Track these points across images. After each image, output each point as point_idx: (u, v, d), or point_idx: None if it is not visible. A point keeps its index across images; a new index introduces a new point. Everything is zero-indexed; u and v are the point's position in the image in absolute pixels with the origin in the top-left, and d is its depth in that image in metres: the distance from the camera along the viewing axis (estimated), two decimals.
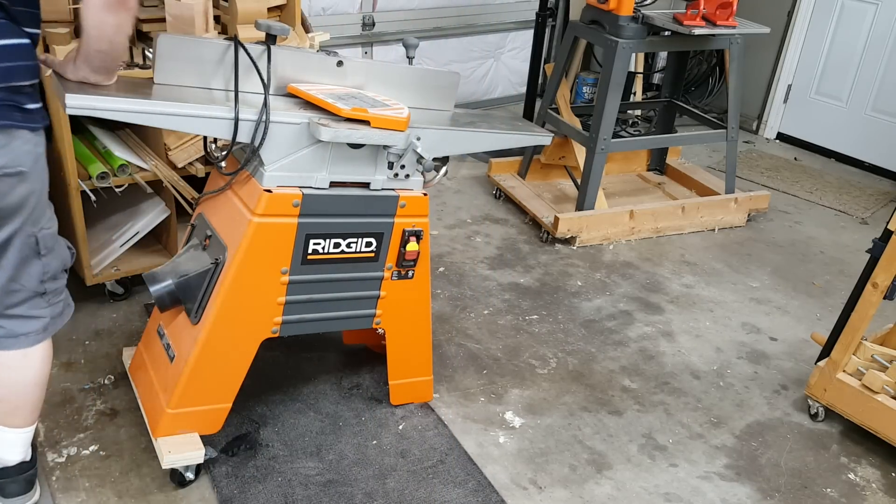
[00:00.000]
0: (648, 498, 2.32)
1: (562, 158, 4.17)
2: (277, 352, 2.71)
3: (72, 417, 2.39)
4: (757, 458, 2.51)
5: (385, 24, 4.75)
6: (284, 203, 1.99)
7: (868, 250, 2.48)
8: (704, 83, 5.63)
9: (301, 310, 2.17)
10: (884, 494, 2.42)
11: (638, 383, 2.82)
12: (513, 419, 2.57)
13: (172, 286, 2.11)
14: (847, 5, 4.93)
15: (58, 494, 2.13)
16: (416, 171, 2.17)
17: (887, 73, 4.81)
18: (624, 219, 3.79)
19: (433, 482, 2.28)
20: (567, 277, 3.46)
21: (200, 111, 1.89)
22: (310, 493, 2.19)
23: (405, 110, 2.07)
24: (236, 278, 2.02)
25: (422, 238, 2.24)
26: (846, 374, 2.55)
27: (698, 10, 3.58)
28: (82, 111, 1.78)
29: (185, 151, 2.73)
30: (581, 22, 3.81)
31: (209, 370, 2.11)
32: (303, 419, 2.46)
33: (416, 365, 2.51)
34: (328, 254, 2.12)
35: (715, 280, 3.56)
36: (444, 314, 3.09)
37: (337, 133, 1.93)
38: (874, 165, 4.96)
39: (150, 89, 1.95)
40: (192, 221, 2.27)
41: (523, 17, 5.32)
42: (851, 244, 4.01)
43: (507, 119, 2.67)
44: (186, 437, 2.15)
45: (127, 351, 2.52)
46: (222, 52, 2.01)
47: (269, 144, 1.96)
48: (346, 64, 2.20)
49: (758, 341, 3.14)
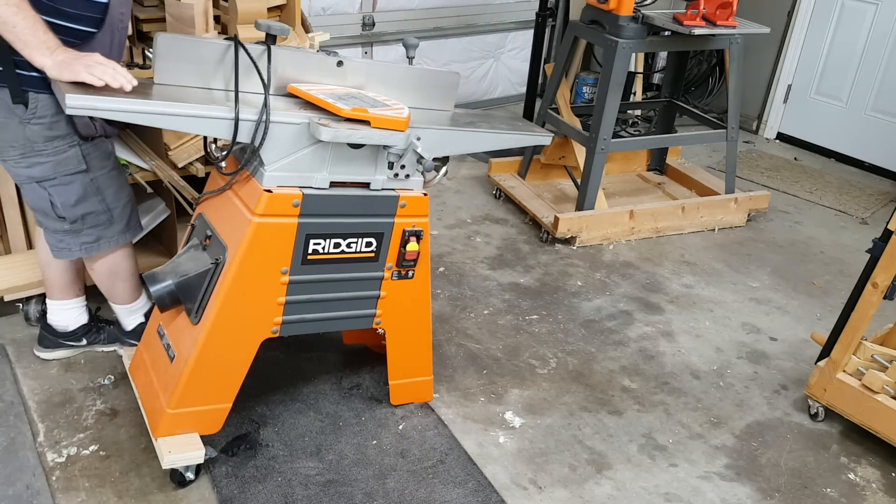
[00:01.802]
0: (648, 498, 2.32)
1: (562, 158, 4.17)
2: (277, 352, 2.71)
3: (72, 417, 2.39)
4: (757, 458, 2.51)
5: (385, 24, 4.76)
6: (284, 203, 1.99)
7: (868, 250, 2.48)
8: (704, 83, 5.63)
9: (301, 310, 2.17)
10: (884, 494, 2.42)
11: (638, 383, 2.82)
12: (513, 419, 2.57)
13: (173, 286, 2.11)
14: (847, 5, 4.93)
15: (58, 494, 2.13)
16: (417, 171, 2.16)
17: (887, 73, 4.81)
18: (624, 219, 3.79)
19: (433, 482, 2.28)
20: (567, 277, 3.46)
21: (201, 111, 1.89)
22: (310, 493, 2.19)
23: (405, 110, 2.07)
24: (236, 278, 2.02)
25: (422, 238, 2.23)
26: (846, 374, 2.55)
27: (698, 10, 3.58)
28: (82, 111, 1.79)
29: (185, 151, 2.73)
30: (581, 22, 3.81)
31: (209, 370, 2.11)
32: (303, 419, 2.46)
33: (416, 365, 2.51)
34: (328, 254, 2.12)
35: (715, 280, 3.56)
36: (444, 314, 3.09)
37: (337, 133, 1.93)
38: (874, 165, 4.96)
39: (150, 89, 1.95)
40: (192, 221, 2.27)
41: (523, 17, 5.32)
42: (851, 244, 4.01)
43: (507, 119, 2.67)
44: (186, 437, 2.15)
45: (127, 351, 2.52)
46: (222, 52, 2.01)
47: (270, 144, 1.96)
48: (345, 64, 2.20)
49: (758, 341, 3.14)
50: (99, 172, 2.24)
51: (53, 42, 1.89)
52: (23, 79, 2.00)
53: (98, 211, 2.28)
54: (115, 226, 2.34)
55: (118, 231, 2.36)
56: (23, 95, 2.02)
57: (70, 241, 2.30)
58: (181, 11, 2.60)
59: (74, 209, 2.23)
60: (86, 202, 2.24)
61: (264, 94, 1.95)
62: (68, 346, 2.60)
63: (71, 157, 2.15)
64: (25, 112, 2.04)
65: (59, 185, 2.18)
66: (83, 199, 2.23)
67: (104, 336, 2.64)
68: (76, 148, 2.15)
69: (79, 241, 2.31)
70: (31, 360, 2.61)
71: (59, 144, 2.12)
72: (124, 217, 2.36)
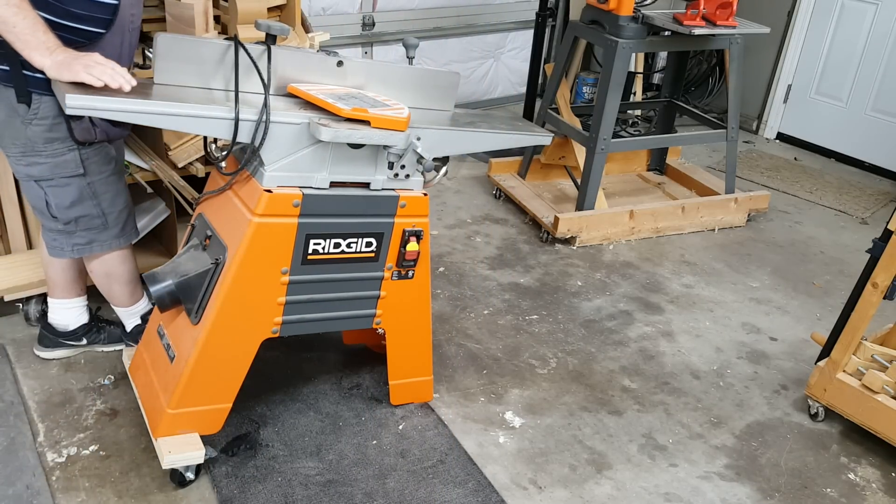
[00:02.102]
0: (648, 498, 2.32)
1: (562, 158, 4.17)
2: (277, 352, 2.71)
3: (72, 417, 2.39)
4: (757, 458, 2.51)
5: (385, 24, 4.75)
6: (285, 203, 1.99)
7: (868, 250, 2.48)
8: (704, 83, 5.63)
9: (301, 310, 2.17)
10: (884, 494, 2.42)
11: (638, 383, 2.82)
12: (513, 419, 2.57)
13: (173, 286, 2.11)
14: (847, 5, 4.93)
15: (58, 494, 2.13)
16: (417, 171, 2.16)
17: (887, 73, 4.81)
18: (624, 219, 3.79)
19: (433, 482, 2.28)
20: (567, 277, 3.46)
21: (201, 111, 1.89)
22: (310, 493, 2.19)
23: (405, 110, 2.07)
24: (237, 278, 2.02)
25: (422, 238, 2.24)
26: (846, 374, 2.55)
27: (698, 10, 3.58)
28: (82, 111, 1.79)
29: (185, 151, 2.73)
30: (581, 22, 3.81)
31: (209, 370, 2.11)
32: (303, 419, 2.46)
33: (416, 365, 2.51)
34: (328, 254, 2.12)
35: (715, 280, 3.56)
36: (444, 314, 3.09)
37: (337, 133, 1.93)
38: (874, 165, 4.96)
39: (150, 89, 1.95)
40: (192, 221, 2.27)
41: (523, 17, 5.32)
42: (851, 244, 4.01)
43: (508, 119, 2.67)
44: (187, 437, 2.15)
45: (127, 351, 2.52)
46: (222, 52, 2.01)
47: (270, 144, 1.96)
48: (346, 64, 2.19)
49: (758, 341, 3.14)
50: (97, 177, 2.24)
51: (53, 42, 1.89)
52: (28, 80, 2.00)
53: (92, 215, 2.28)
54: (109, 230, 2.34)
55: (112, 236, 2.36)
56: (27, 96, 2.02)
57: (63, 241, 2.32)
58: (181, 11, 2.61)
59: (69, 211, 2.24)
60: (80, 205, 2.25)
61: (264, 94, 1.95)
62: (68, 345, 2.60)
63: (69, 161, 2.16)
64: (27, 112, 2.05)
65: (56, 186, 2.19)
66: (78, 203, 2.24)
67: (104, 336, 2.64)
68: (75, 152, 2.15)
69: (71, 242, 2.32)
70: (31, 360, 2.61)
71: (58, 147, 2.12)
72: (119, 222, 2.36)
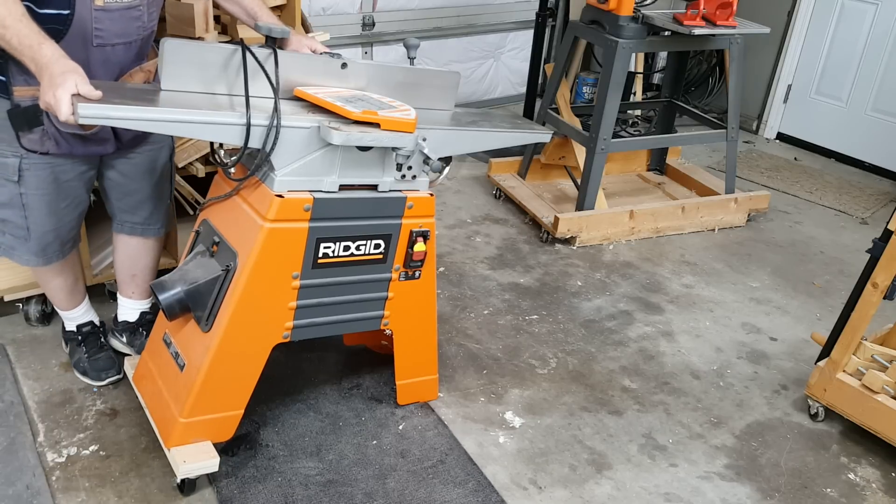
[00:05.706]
0: (648, 498, 2.32)
1: (562, 158, 4.17)
2: (277, 352, 2.68)
3: (72, 417, 2.39)
4: (757, 458, 2.52)
5: (385, 24, 4.75)
6: (296, 208, 1.98)
7: (868, 250, 2.48)
8: (704, 83, 5.63)
9: (312, 314, 2.16)
10: (884, 494, 2.42)
11: (638, 383, 2.82)
12: (513, 419, 2.57)
13: (182, 294, 2.08)
14: (847, 5, 4.93)
15: (58, 494, 2.13)
16: (423, 171, 2.16)
17: (887, 73, 4.81)
18: (624, 219, 3.79)
19: (433, 482, 2.28)
20: (567, 277, 3.46)
21: (212, 118, 1.87)
22: (310, 493, 2.20)
23: (412, 111, 2.06)
24: (248, 284, 2.01)
25: (428, 238, 2.24)
26: (846, 374, 2.56)
27: (698, 10, 3.58)
28: (95, 120, 1.76)
29: (185, 151, 2.73)
30: (581, 22, 3.81)
31: (222, 377, 2.09)
32: (303, 419, 2.46)
33: (422, 364, 2.51)
34: (338, 257, 2.12)
35: (715, 280, 3.56)
36: (445, 314, 3.09)
37: (349, 136, 1.92)
38: (874, 165, 4.96)
39: (157, 96, 1.93)
40: (197, 228, 2.25)
41: (523, 17, 5.32)
42: (851, 244, 4.01)
43: (508, 118, 2.67)
44: (199, 445, 2.13)
45: (129, 360, 2.49)
46: (228, 56, 2.00)
47: (280, 149, 1.94)
48: (349, 66, 2.19)
49: (758, 341, 3.14)
50: (32, 191, 2.16)
51: (42, 60, 1.82)
52: None
53: (17, 224, 2.23)
54: (28, 245, 2.27)
55: (30, 252, 2.29)
56: None
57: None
58: (181, 11, 2.60)
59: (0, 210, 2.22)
60: (9, 209, 2.20)
61: (274, 98, 1.93)
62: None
63: (7, 165, 2.11)
64: None
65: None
66: (7, 206, 2.20)
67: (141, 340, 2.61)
68: (17, 159, 2.10)
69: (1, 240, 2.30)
70: (31, 360, 2.61)
71: (3, 149, 2.09)
72: (41, 244, 2.28)
